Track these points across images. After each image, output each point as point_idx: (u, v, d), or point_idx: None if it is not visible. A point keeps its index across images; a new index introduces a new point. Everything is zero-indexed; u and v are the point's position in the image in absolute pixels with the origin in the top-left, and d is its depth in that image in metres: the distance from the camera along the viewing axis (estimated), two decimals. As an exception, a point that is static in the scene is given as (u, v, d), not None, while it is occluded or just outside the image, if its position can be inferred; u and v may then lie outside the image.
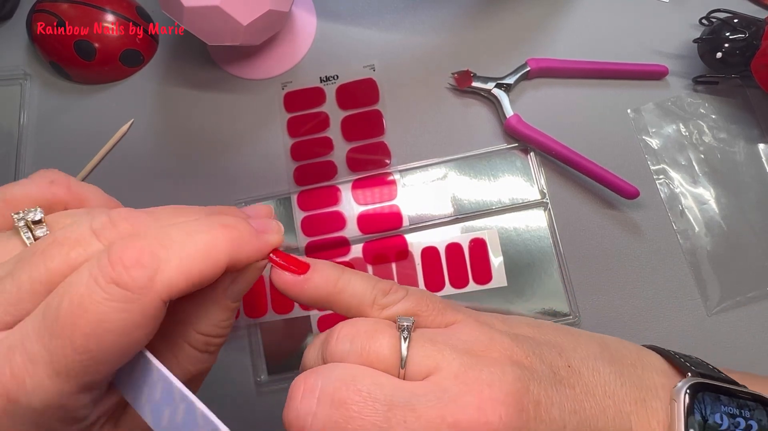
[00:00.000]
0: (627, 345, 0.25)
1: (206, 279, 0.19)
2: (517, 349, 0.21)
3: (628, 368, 0.24)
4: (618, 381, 0.23)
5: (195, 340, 0.22)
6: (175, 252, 0.18)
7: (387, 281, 0.23)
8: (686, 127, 0.42)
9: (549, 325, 0.25)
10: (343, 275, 0.22)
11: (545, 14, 0.45)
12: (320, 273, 0.22)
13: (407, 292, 0.23)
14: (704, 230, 0.40)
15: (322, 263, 0.23)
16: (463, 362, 0.20)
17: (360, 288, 0.22)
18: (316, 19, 0.47)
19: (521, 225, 0.40)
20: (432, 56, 0.45)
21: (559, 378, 0.21)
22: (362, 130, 0.43)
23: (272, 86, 0.45)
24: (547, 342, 0.23)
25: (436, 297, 0.23)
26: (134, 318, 0.17)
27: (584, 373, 0.22)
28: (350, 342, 0.20)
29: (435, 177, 0.42)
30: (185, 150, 0.44)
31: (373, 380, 0.19)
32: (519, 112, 0.42)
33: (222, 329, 0.23)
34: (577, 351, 0.23)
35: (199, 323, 0.22)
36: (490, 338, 0.21)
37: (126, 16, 0.46)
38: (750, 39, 0.39)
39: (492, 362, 0.20)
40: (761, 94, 0.42)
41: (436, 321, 0.22)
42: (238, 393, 0.39)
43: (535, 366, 0.21)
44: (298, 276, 0.22)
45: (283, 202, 0.42)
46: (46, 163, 0.45)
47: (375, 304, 0.22)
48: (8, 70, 0.47)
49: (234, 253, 0.20)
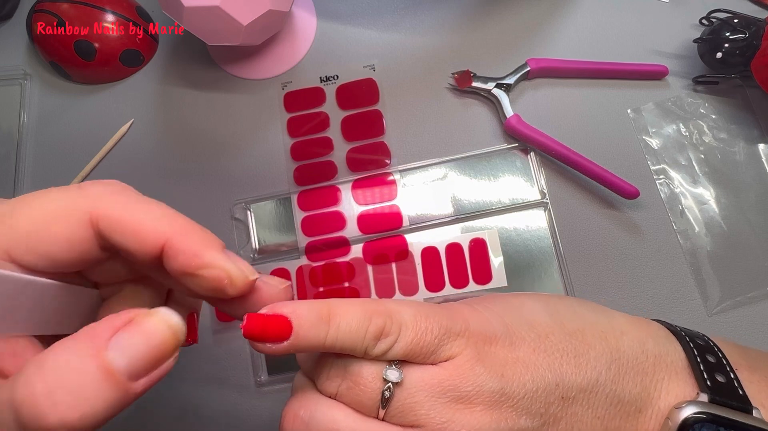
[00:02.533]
0: (647, 345, 0.24)
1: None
2: (503, 400, 0.21)
3: (633, 380, 0.23)
4: (613, 401, 0.23)
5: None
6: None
7: (378, 318, 0.21)
8: (686, 127, 0.42)
9: (563, 324, 0.24)
10: (330, 330, 0.21)
11: (545, 14, 0.45)
12: (304, 335, 0.20)
13: (399, 333, 0.21)
14: (704, 230, 0.40)
15: (303, 317, 0.20)
16: (443, 419, 0.21)
17: (350, 342, 0.21)
18: (316, 19, 0.47)
19: (521, 225, 0.40)
20: (432, 56, 0.45)
21: (546, 418, 0.22)
22: (362, 130, 0.43)
23: (272, 86, 0.45)
24: (547, 369, 0.22)
25: (430, 325, 0.22)
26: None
27: (577, 400, 0.22)
28: (338, 384, 0.22)
29: (435, 177, 0.42)
30: (185, 150, 0.44)
31: (352, 428, 0.21)
32: (519, 112, 0.42)
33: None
34: (580, 374, 0.23)
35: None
36: (479, 388, 0.21)
37: (126, 16, 0.46)
38: (750, 39, 0.39)
39: (470, 417, 0.21)
40: (761, 94, 0.42)
41: (430, 359, 0.22)
42: (238, 393, 0.39)
43: (517, 420, 0.21)
44: (281, 344, 0.20)
45: (283, 202, 0.42)
46: (46, 163, 0.45)
47: (366, 355, 0.21)
48: (8, 70, 0.47)
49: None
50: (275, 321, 0.20)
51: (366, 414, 0.21)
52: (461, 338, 0.22)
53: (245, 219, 0.42)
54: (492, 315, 0.24)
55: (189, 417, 0.39)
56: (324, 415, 0.21)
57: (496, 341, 0.23)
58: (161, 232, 0.19)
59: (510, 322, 0.24)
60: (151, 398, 0.39)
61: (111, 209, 0.19)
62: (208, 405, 0.39)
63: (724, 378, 0.23)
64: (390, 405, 0.21)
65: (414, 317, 0.22)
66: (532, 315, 0.24)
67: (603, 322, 0.25)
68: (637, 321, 0.26)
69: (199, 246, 0.19)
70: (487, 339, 0.23)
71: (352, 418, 0.21)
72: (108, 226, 0.19)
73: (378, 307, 0.22)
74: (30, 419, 0.15)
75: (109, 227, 0.19)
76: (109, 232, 0.19)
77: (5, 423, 0.15)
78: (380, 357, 0.21)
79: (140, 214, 0.19)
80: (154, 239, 0.19)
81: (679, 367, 0.24)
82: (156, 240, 0.19)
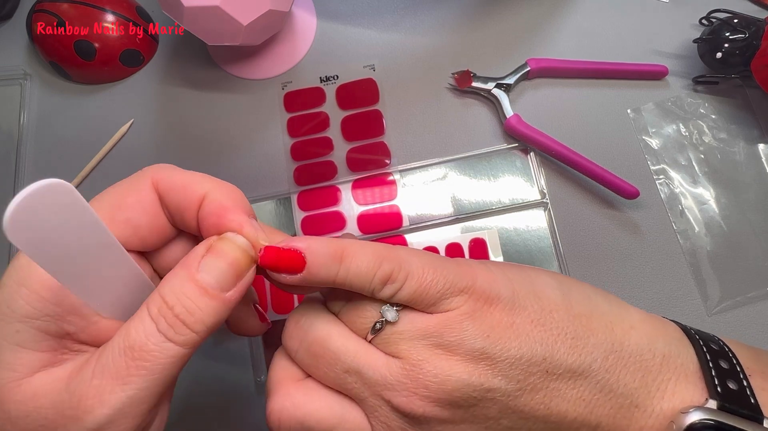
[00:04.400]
0: (656, 344, 0.24)
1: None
2: (482, 358, 0.22)
3: (631, 374, 0.23)
4: (603, 388, 0.23)
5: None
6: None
7: (388, 263, 0.23)
8: (686, 127, 0.42)
9: (571, 306, 0.24)
10: (341, 268, 0.22)
11: (545, 14, 0.45)
12: (316, 271, 0.22)
13: (405, 281, 0.23)
14: (704, 230, 0.40)
15: (317, 253, 0.22)
16: (419, 357, 0.22)
17: (358, 282, 0.23)
18: (316, 19, 0.47)
19: (521, 226, 0.40)
20: (432, 56, 0.45)
21: (523, 386, 0.22)
22: (362, 130, 0.43)
23: (272, 86, 0.45)
24: (539, 342, 0.23)
25: (436, 278, 0.23)
26: None
27: (562, 378, 0.23)
28: (342, 304, 0.24)
29: (435, 177, 0.42)
30: (185, 150, 0.44)
31: (342, 344, 0.23)
32: (519, 112, 0.42)
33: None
34: (572, 355, 0.23)
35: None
36: (461, 340, 0.22)
37: (126, 16, 0.46)
38: (750, 39, 0.39)
39: (445, 364, 0.22)
40: (761, 94, 0.42)
41: (429, 308, 0.23)
42: (238, 393, 0.39)
43: (491, 379, 0.22)
44: (294, 275, 0.22)
45: (283, 202, 0.42)
46: (46, 163, 0.45)
47: (373, 295, 0.23)
48: (8, 70, 0.47)
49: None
50: (290, 255, 0.22)
51: (357, 333, 0.24)
52: (464, 294, 0.23)
53: (245, 219, 0.42)
54: (503, 278, 0.24)
55: (189, 417, 0.39)
56: (321, 327, 0.24)
57: (498, 302, 0.23)
58: (200, 187, 0.24)
59: (518, 289, 0.24)
60: (151, 398, 0.39)
61: (167, 173, 0.24)
62: (208, 405, 0.39)
63: (736, 385, 0.23)
64: (378, 334, 0.23)
65: (422, 267, 0.23)
66: (543, 288, 0.24)
67: (614, 313, 0.25)
68: (651, 320, 0.25)
69: (228, 204, 0.23)
70: (489, 299, 0.23)
71: (344, 336, 0.23)
72: (165, 186, 0.24)
73: (389, 253, 0.23)
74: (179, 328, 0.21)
75: (167, 187, 0.24)
76: (167, 191, 0.24)
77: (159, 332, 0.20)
78: (385, 299, 0.23)
79: (188, 175, 0.24)
80: (197, 192, 0.24)
81: (689, 370, 0.24)
82: (199, 192, 0.24)
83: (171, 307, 0.21)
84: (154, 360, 0.20)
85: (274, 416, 0.24)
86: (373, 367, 0.23)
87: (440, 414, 0.22)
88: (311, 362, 0.24)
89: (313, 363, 0.24)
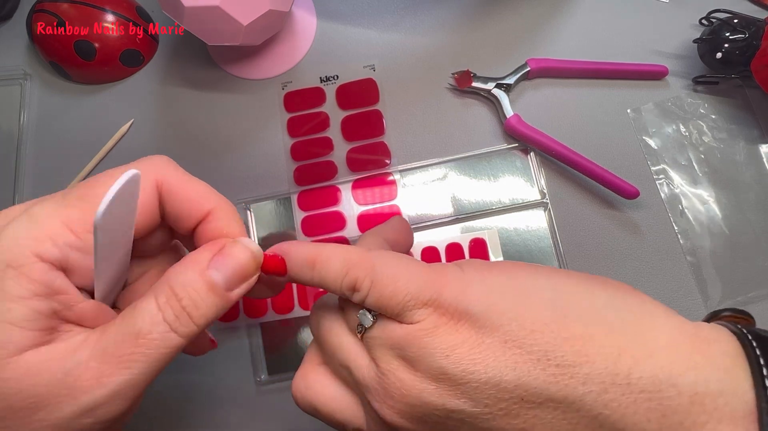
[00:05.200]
0: (686, 376, 0.19)
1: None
2: (442, 378, 0.21)
3: (644, 414, 0.19)
4: (604, 425, 0.19)
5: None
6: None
7: (354, 270, 0.23)
8: (686, 127, 0.42)
9: (566, 317, 0.21)
10: (314, 273, 0.24)
11: (545, 14, 0.45)
12: (295, 274, 0.25)
13: (369, 290, 0.23)
14: (704, 230, 0.40)
15: (293, 259, 0.24)
16: (388, 367, 0.22)
17: (330, 286, 0.24)
18: (316, 19, 0.47)
19: (521, 226, 0.40)
20: (432, 56, 0.45)
21: (494, 410, 0.20)
22: (362, 130, 0.43)
23: (272, 86, 0.45)
24: (510, 368, 0.20)
25: (399, 292, 0.22)
26: None
27: (545, 407, 0.20)
28: (344, 302, 0.25)
29: (435, 177, 0.42)
30: (185, 150, 0.44)
31: (338, 339, 0.25)
32: (519, 112, 0.42)
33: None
34: (555, 386, 0.19)
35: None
36: (421, 356, 0.21)
37: (126, 16, 0.46)
38: (750, 39, 0.39)
39: (409, 377, 0.22)
40: (761, 94, 0.42)
41: (397, 318, 0.23)
42: (238, 393, 0.39)
43: (452, 400, 0.21)
44: (282, 277, 0.25)
45: (283, 202, 0.42)
46: (46, 163, 0.45)
47: (343, 297, 0.25)
48: (8, 70, 0.47)
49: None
50: (274, 261, 0.25)
51: (351, 332, 0.25)
52: (427, 307, 0.22)
53: (245, 219, 0.42)
54: (479, 288, 0.22)
55: (189, 417, 0.39)
56: (326, 321, 0.26)
57: (465, 319, 0.21)
58: (208, 203, 0.25)
59: (496, 302, 0.21)
60: (151, 398, 0.39)
61: (172, 178, 0.25)
62: (209, 404, 0.39)
63: None
64: (362, 336, 0.24)
65: (389, 276, 0.23)
66: (528, 301, 0.21)
67: (629, 334, 0.20)
68: (687, 340, 0.20)
69: (234, 225, 0.25)
70: (456, 313, 0.21)
71: (342, 332, 0.25)
72: (168, 192, 0.25)
73: (361, 260, 0.23)
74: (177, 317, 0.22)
75: (169, 193, 0.25)
76: (168, 197, 0.25)
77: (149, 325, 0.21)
78: (358, 305, 0.24)
79: (194, 185, 0.25)
80: (200, 208, 0.25)
81: (738, 412, 0.18)
82: (202, 208, 0.25)
83: (180, 299, 0.22)
84: (155, 348, 0.21)
85: (293, 391, 0.26)
86: (359, 367, 0.24)
87: (408, 425, 0.22)
88: (323, 351, 0.26)
89: (323, 352, 0.26)
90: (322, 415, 0.25)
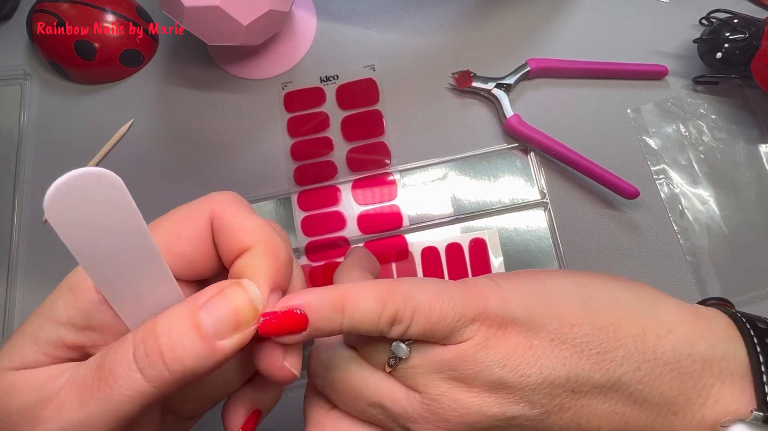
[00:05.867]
0: (698, 346, 0.22)
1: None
2: (501, 388, 0.21)
3: (668, 383, 0.21)
4: (637, 400, 0.21)
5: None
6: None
7: (392, 304, 0.22)
8: (686, 127, 0.42)
9: (594, 310, 0.23)
10: (344, 319, 0.21)
11: (545, 14, 0.45)
12: (320, 327, 0.21)
13: (411, 320, 0.22)
14: (704, 230, 0.40)
15: (317, 308, 0.21)
16: (438, 392, 0.22)
17: (365, 327, 0.22)
18: (316, 19, 0.47)
19: (521, 226, 0.40)
20: (432, 56, 0.45)
21: (549, 409, 0.22)
22: (362, 130, 0.43)
23: (272, 86, 0.45)
24: (560, 363, 0.22)
25: (445, 310, 0.22)
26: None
27: (591, 394, 0.21)
28: (355, 339, 0.24)
29: (435, 177, 0.42)
30: (185, 150, 0.44)
31: (362, 380, 0.23)
32: (519, 112, 0.42)
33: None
34: (599, 372, 0.21)
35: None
36: (478, 373, 0.22)
37: (126, 16, 0.46)
38: (750, 39, 0.39)
39: (465, 397, 0.22)
40: (761, 94, 0.42)
41: (442, 341, 0.22)
42: (238, 393, 0.39)
43: (513, 407, 0.22)
44: (299, 334, 0.21)
45: (283, 202, 0.42)
46: (46, 163, 0.45)
47: (383, 336, 0.22)
48: (8, 70, 0.47)
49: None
50: (290, 317, 0.21)
51: (375, 367, 0.23)
52: (476, 322, 0.22)
53: (245, 219, 0.42)
54: (515, 296, 0.23)
55: (189, 417, 0.39)
56: (340, 365, 0.24)
57: (513, 326, 0.22)
58: (248, 239, 0.22)
59: (533, 306, 0.23)
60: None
61: (227, 212, 0.22)
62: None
63: None
64: (394, 368, 0.23)
65: (428, 302, 0.22)
66: (560, 300, 0.23)
67: (647, 316, 0.23)
68: (693, 318, 0.23)
69: (263, 265, 0.21)
70: (503, 323, 0.22)
71: (364, 370, 0.23)
72: (218, 226, 0.22)
73: (393, 291, 0.22)
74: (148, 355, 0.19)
75: (219, 227, 0.22)
76: (219, 230, 0.22)
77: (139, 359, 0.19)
78: (396, 339, 0.22)
79: (243, 219, 0.22)
80: (239, 243, 0.22)
81: (736, 373, 0.22)
82: (241, 244, 0.22)
83: (157, 336, 0.19)
84: (116, 387, 0.19)
85: None
86: (395, 400, 0.22)
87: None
88: (336, 396, 0.24)
89: (338, 397, 0.24)
90: None
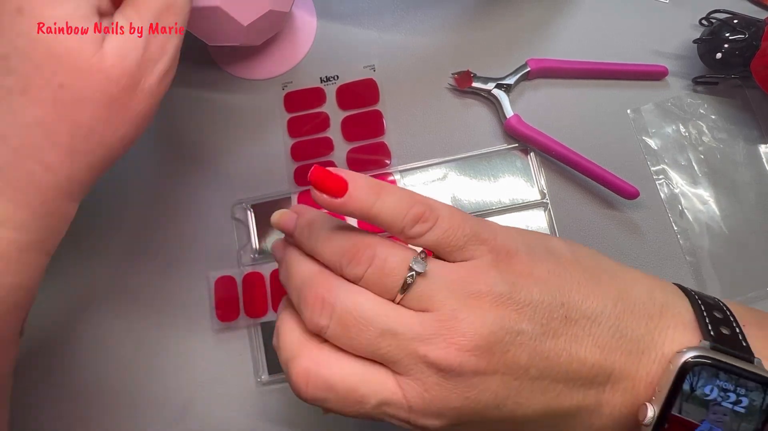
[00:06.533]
0: (655, 294, 0.26)
1: None
2: (509, 302, 0.23)
3: (638, 320, 0.25)
4: (615, 334, 0.24)
5: None
6: None
7: (420, 205, 0.24)
8: (686, 127, 0.42)
9: (580, 260, 0.26)
10: (377, 201, 0.24)
11: (545, 14, 0.45)
12: (356, 199, 0.24)
13: (435, 223, 0.24)
14: (704, 230, 0.40)
15: (359, 184, 0.24)
16: (453, 307, 0.23)
17: (391, 217, 0.24)
18: (316, 19, 0.47)
19: (521, 225, 0.40)
20: (432, 56, 0.45)
21: (547, 330, 0.24)
22: (362, 130, 0.43)
23: (272, 86, 0.45)
24: (557, 289, 0.24)
25: (463, 224, 0.24)
26: None
27: (580, 323, 0.24)
28: (365, 269, 0.24)
29: (435, 177, 0.42)
30: (185, 150, 0.44)
31: (372, 308, 0.24)
32: (519, 112, 0.42)
33: None
34: (586, 302, 0.24)
35: None
36: (490, 287, 0.23)
37: (126, 16, 0.45)
38: (750, 39, 0.39)
39: (478, 311, 0.23)
40: (761, 94, 0.42)
41: (453, 255, 0.25)
42: (239, 393, 0.39)
43: (519, 323, 0.23)
44: (335, 199, 0.24)
45: (283, 202, 0.42)
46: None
47: (402, 234, 0.25)
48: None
49: None
50: (336, 179, 0.24)
51: (384, 297, 0.24)
52: (485, 245, 0.25)
53: (245, 219, 0.42)
54: (519, 235, 0.26)
55: (189, 418, 0.39)
56: (349, 298, 0.24)
57: (517, 256, 0.25)
58: None
59: (534, 245, 0.26)
60: (151, 399, 0.39)
61: None
62: (209, 405, 0.39)
63: (729, 331, 0.24)
64: (409, 291, 0.24)
65: (450, 213, 0.25)
66: (554, 246, 0.27)
67: (617, 269, 0.27)
68: (650, 276, 0.28)
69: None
70: (509, 252, 0.25)
71: (373, 301, 0.24)
72: None
73: (421, 198, 0.25)
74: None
75: None
76: None
77: None
78: (413, 239, 0.24)
79: None
80: None
81: (686, 319, 0.25)
82: None
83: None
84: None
85: (300, 378, 0.24)
86: (407, 324, 0.23)
87: (476, 363, 0.23)
88: (343, 333, 0.24)
89: (345, 333, 0.24)
90: (340, 392, 0.23)
